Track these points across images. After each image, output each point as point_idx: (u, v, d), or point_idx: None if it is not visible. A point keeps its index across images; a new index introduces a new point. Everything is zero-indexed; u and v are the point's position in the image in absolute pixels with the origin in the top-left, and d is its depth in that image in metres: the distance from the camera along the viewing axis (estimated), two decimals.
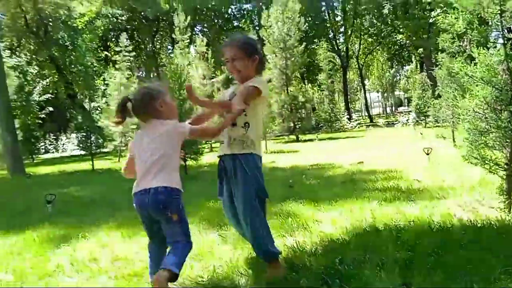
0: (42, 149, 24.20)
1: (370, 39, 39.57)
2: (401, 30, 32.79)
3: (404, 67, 43.93)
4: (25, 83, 19.37)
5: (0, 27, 24.36)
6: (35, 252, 3.38)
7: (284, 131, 19.97)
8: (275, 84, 19.30)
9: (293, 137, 19.89)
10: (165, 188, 2.23)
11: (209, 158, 9.49)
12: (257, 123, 2.63)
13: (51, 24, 24.77)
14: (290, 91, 19.36)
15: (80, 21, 26.40)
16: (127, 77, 16.63)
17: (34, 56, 25.82)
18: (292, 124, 19.49)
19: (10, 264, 3.10)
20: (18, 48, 25.66)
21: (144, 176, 2.29)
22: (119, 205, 5.52)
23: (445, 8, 16.65)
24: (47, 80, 22.95)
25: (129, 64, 17.02)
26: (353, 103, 51.60)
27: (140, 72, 35.46)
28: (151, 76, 39.11)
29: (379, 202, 4.17)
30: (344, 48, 38.38)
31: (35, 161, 19.14)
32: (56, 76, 27.27)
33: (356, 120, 29.95)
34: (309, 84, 27.61)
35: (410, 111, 24.03)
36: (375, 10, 33.53)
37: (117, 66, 16.52)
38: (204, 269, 2.69)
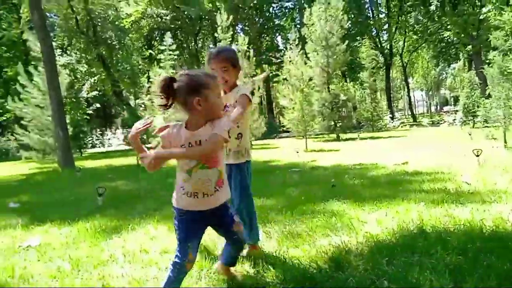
0: (90, 143, 25.23)
1: (415, 36, 38.39)
2: (448, 26, 31.58)
3: (450, 65, 42.34)
4: (75, 80, 20.27)
5: (53, 27, 25.58)
6: (90, 242, 3.56)
7: (325, 129, 19.79)
8: (316, 82, 19.16)
9: (333, 135, 19.67)
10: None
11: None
12: (247, 130, 2.89)
13: (99, 24, 25.75)
14: (331, 89, 19.16)
15: (126, 21, 27.26)
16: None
17: (83, 55, 26.94)
18: (332, 123, 19.28)
19: (66, 253, 3.28)
20: (69, 47, 26.87)
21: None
22: (164, 198, 5.69)
23: (497, 4, 15.90)
24: (95, 77, 23.89)
25: (173, 62, 17.39)
26: (396, 102, 50.28)
27: (184, 70, 36.10)
28: None
29: (426, 204, 4.07)
30: (388, 45, 37.50)
31: (83, 155, 20.01)
32: (104, 74, 28.33)
33: (399, 119, 29.24)
34: (351, 82, 27.13)
35: (457, 111, 23.17)
36: (421, 7, 32.50)
37: (161, 64, 16.91)
38: (250, 265, 2.73)
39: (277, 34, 39.37)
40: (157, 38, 34.30)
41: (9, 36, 28.13)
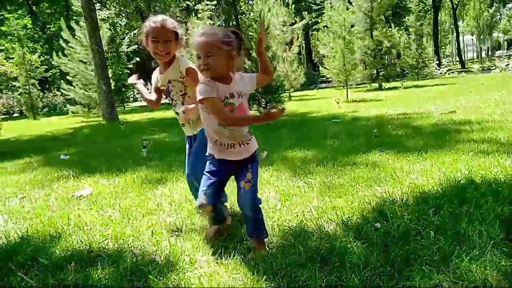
0: (131, 97, 25.81)
1: None
2: None
3: (506, 4, 39.10)
4: (115, 34, 20.47)
5: None
6: (137, 192, 3.70)
7: (366, 78, 19.15)
8: (358, 28, 18.33)
9: (375, 85, 19.02)
10: None
11: (288, 106, 9.44)
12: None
13: None
14: (375, 35, 18.28)
15: None
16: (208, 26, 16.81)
17: (122, 8, 26.97)
18: (375, 71, 18.57)
19: (116, 202, 3.43)
20: (108, 1, 26.91)
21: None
22: None
23: None
24: (134, 31, 23.99)
25: (210, 12, 17.13)
26: (444, 47, 47.56)
27: (220, 21, 35.56)
28: (230, 25, 39.12)
29: (476, 154, 3.90)
30: None
31: (125, 109, 20.56)
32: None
33: (446, 66, 27.75)
34: (395, 28, 25.76)
35: (511, 55, 21.62)
36: None
37: (199, 15, 16.70)
38: (293, 214, 2.76)
39: None
40: None
41: None
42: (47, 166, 5.65)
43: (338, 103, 11.09)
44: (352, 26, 17.63)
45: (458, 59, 38.35)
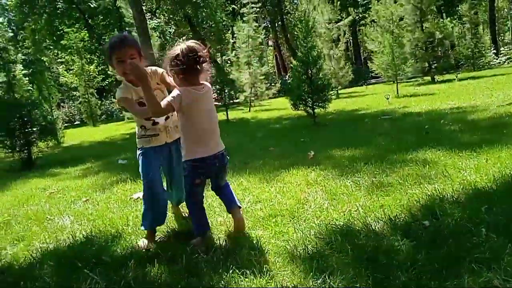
0: None
1: None
2: None
3: None
4: (165, 42, 21.21)
5: None
6: None
7: (418, 72, 18.47)
8: (408, 21, 17.75)
9: (428, 78, 18.33)
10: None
11: (335, 105, 9.36)
12: None
13: None
14: (425, 27, 17.62)
15: None
16: (254, 28, 17.00)
17: (171, 16, 27.88)
18: (427, 64, 17.90)
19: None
20: (157, 10, 27.93)
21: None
22: (253, 151, 5.90)
23: None
24: (183, 37, 24.73)
25: (256, 15, 17.29)
26: (502, 35, 44.83)
27: (266, 23, 35.78)
28: (275, 25, 39.21)
29: None
30: None
31: None
32: (191, 33, 29.19)
33: (505, 55, 26.10)
34: (448, 18, 24.65)
35: None
36: None
37: (244, 18, 16.92)
38: (340, 213, 2.78)
39: None
40: None
41: (104, 4, 30.02)
42: (106, 171, 6.01)
43: (387, 99, 10.85)
44: (401, 19, 17.15)
45: None
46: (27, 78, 14.23)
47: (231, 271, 2.12)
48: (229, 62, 18.41)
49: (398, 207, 2.72)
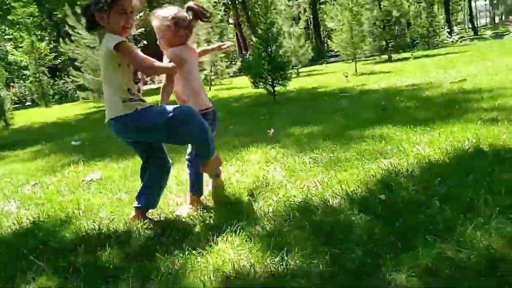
0: None
1: None
2: None
3: None
4: None
5: None
6: None
7: (375, 51, 18.80)
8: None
9: (385, 57, 18.68)
10: None
11: (295, 83, 9.35)
12: None
13: None
14: (383, 6, 17.84)
15: None
16: (213, 4, 16.57)
17: None
18: (384, 43, 18.20)
19: (126, 185, 3.48)
20: None
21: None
22: None
23: None
24: (141, 13, 23.82)
25: None
26: (456, 14, 46.32)
27: None
28: (236, 1, 38.55)
29: (485, 123, 3.84)
30: None
31: None
32: (147, 8, 28.16)
33: (458, 34, 27.03)
34: None
35: None
36: None
37: None
38: (298, 189, 2.76)
39: None
40: None
41: None
42: (58, 153, 5.74)
43: (346, 77, 10.96)
44: None
45: (470, 26, 37.39)
46: None
47: (187, 252, 2.05)
48: None
49: (355, 182, 2.73)
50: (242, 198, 2.76)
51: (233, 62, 21.32)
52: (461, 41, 24.00)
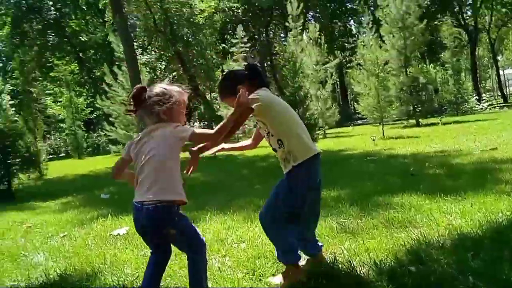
0: None
1: (504, 10, 35.00)
2: None
3: None
4: (155, 77, 21.42)
5: (134, 28, 27.19)
6: None
7: (403, 115, 18.82)
8: (393, 66, 18.28)
9: (412, 121, 18.68)
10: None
11: (321, 145, 9.33)
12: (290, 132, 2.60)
13: (176, 22, 26.82)
14: (410, 72, 18.15)
15: (200, 17, 28.11)
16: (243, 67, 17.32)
17: (162, 53, 28.32)
18: (411, 108, 18.28)
19: None
20: (149, 46, 28.39)
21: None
22: (238, 189, 5.84)
23: None
24: (174, 73, 25.03)
25: (245, 54, 17.66)
26: (484, 82, 46.44)
27: (255, 61, 36.48)
28: (264, 65, 40.03)
29: None
30: (472, 22, 34.61)
31: None
32: (181, 70, 29.57)
33: (487, 101, 26.88)
34: (431, 64, 25.47)
35: None
36: None
37: (234, 57, 17.26)
38: (325, 255, 2.71)
39: (350, 19, 38.18)
40: (230, 31, 35.00)
41: (96, 39, 30.45)
42: (88, 205, 5.86)
43: (373, 140, 10.96)
44: (386, 63, 17.64)
45: (500, 93, 37.26)
46: (13, 109, 14.12)
47: None
48: (217, 99, 18.58)
49: (383, 251, 2.67)
50: (267, 262, 2.72)
51: None
52: (490, 108, 23.82)
